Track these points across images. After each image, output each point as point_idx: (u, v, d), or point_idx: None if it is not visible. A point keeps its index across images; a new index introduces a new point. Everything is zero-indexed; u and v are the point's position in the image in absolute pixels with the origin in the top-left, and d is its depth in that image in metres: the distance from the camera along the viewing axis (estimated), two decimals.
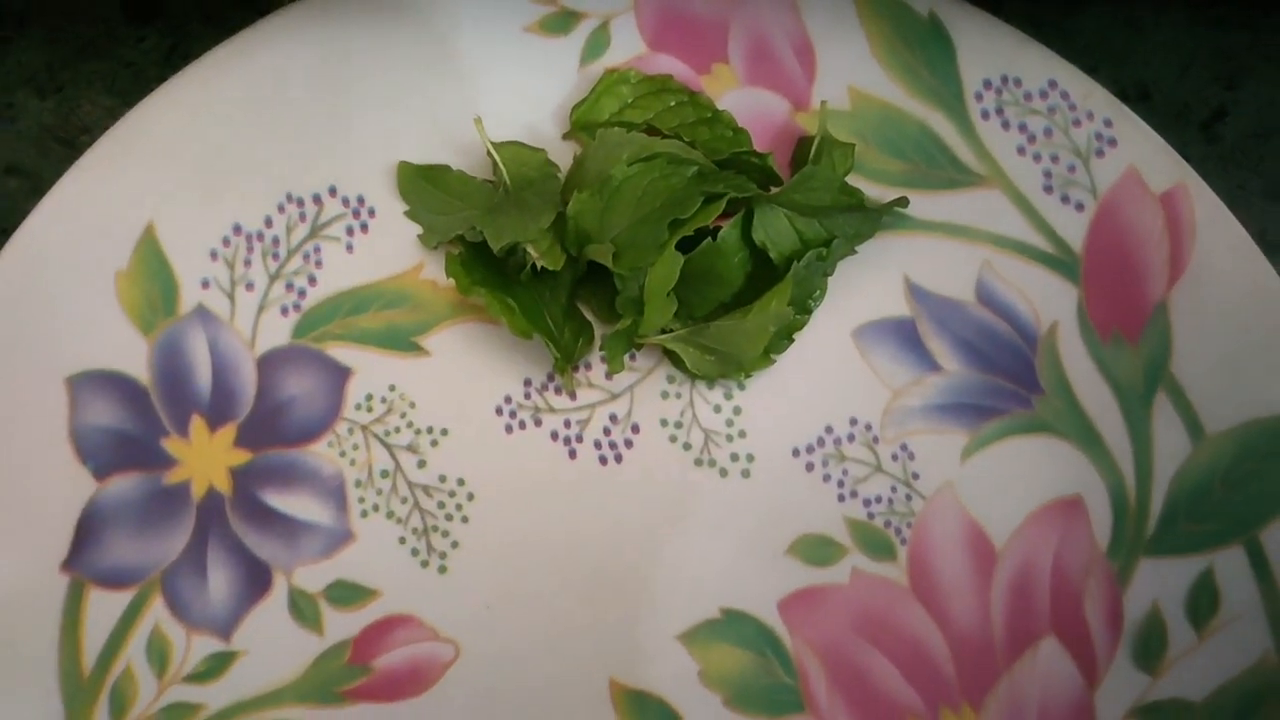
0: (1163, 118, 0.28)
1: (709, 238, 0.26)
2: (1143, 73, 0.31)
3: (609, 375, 0.28)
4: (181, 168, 0.27)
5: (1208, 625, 0.26)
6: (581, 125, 0.28)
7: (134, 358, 0.27)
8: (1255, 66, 0.31)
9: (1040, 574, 0.27)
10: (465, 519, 0.27)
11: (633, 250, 0.25)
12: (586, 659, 0.26)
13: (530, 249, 0.25)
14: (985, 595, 0.27)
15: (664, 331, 0.27)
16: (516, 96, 0.29)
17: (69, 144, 0.30)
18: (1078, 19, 0.31)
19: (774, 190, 0.27)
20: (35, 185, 0.30)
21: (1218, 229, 0.27)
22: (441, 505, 0.27)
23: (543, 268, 0.26)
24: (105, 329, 0.27)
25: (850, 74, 0.29)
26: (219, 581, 0.26)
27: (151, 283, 0.27)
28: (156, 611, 0.26)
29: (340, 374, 0.27)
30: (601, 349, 0.27)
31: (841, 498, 0.27)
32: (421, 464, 0.27)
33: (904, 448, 0.27)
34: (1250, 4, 0.31)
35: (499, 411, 0.27)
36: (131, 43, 0.31)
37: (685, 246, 0.26)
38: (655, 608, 0.26)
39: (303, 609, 0.26)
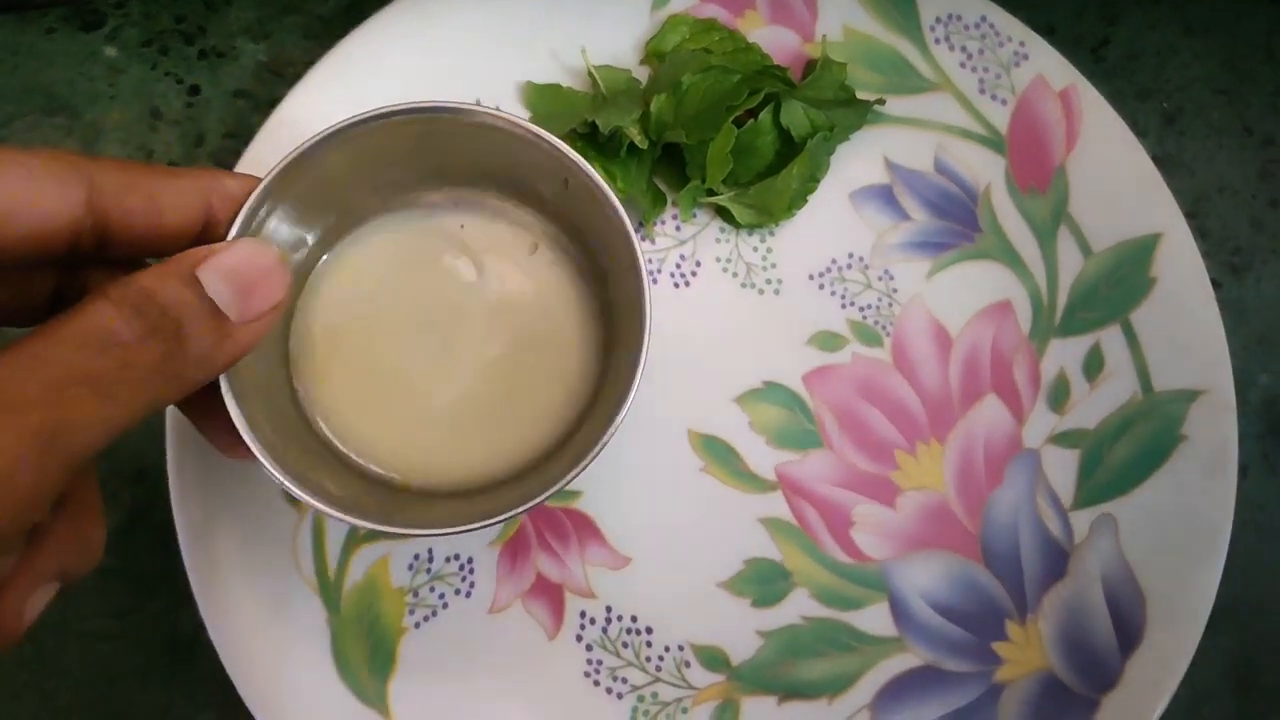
0: (1062, 46, 0.39)
1: (751, 120, 0.37)
2: (1049, 15, 0.42)
3: (679, 226, 0.39)
4: (373, 87, 0.38)
5: (1096, 379, 0.37)
6: (653, 53, 0.40)
7: None
8: (1129, 9, 0.43)
9: (983, 353, 0.38)
10: None
11: (699, 129, 0.37)
12: (674, 416, 0.37)
13: (629, 130, 0.37)
14: (945, 368, 0.38)
15: (717, 193, 0.38)
16: (607, 34, 0.40)
17: (279, 75, 0.41)
18: None
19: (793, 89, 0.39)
20: (255, 104, 0.41)
21: (1099, 114, 0.38)
22: None
23: (633, 147, 0.37)
24: None
25: (843, 16, 0.40)
26: None
27: None
28: None
29: None
30: (674, 205, 0.39)
31: (843, 306, 0.38)
32: None
33: (886, 272, 0.39)
34: None
35: None
36: (320, 0, 0.42)
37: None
38: (717, 382, 0.37)
39: None
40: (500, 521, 0.28)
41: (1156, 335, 0.37)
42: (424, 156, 0.31)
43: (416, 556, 0.35)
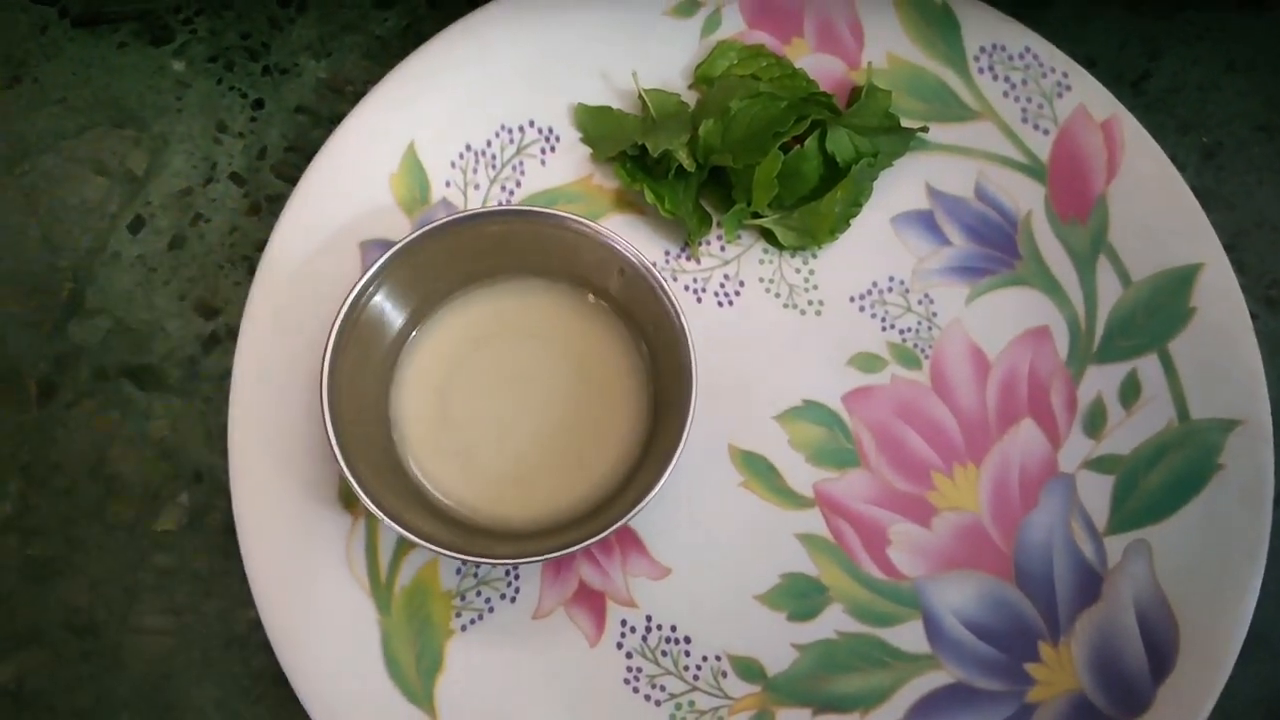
0: (1104, 78, 0.40)
1: (797, 146, 0.38)
2: (1090, 48, 0.43)
3: (724, 247, 0.40)
4: (432, 106, 0.39)
5: (1133, 406, 0.38)
6: (702, 79, 0.41)
7: (400, 230, 0.39)
8: (1171, 45, 0.44)
9: (1020, 378, 0.39)
10: None
11: (746, 154, 0.38)
12: (715, 431, 0.38)
13: (678, 153, 0.38)
14: (982, 391, 0.39)
15: (763, 216, 0.39)
16: (658, 58, 0.41)
17: (338, 92, 0.43)
18: (1046, 10, 0.44)
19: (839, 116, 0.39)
20: (315, 119, 0.42)
21: (1140, 145, 0.39)
22: None
23: (679, 170, 0.38)
24: (382, 211, 0.39)
25: (888, 44, 0.41)
26: None
27: (413, 181, 0.39)
28: None
29: None
30: (719, 227, 0.40)
31: (884, 328, 0.39)
32: None
33: (926, 295, 0.39)
34: (1168, 1, 0.44)
35: None
36: (379, 21, 0.43)
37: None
38: (758, 399, 0.38)
39: None
40: (558, 556, 0.33)
41: (1194, 364, 0.37)
42: (503, 250, 0.36)
43: (465, 563, 0.37)
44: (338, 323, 0.33)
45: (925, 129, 0.39)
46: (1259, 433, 0.36)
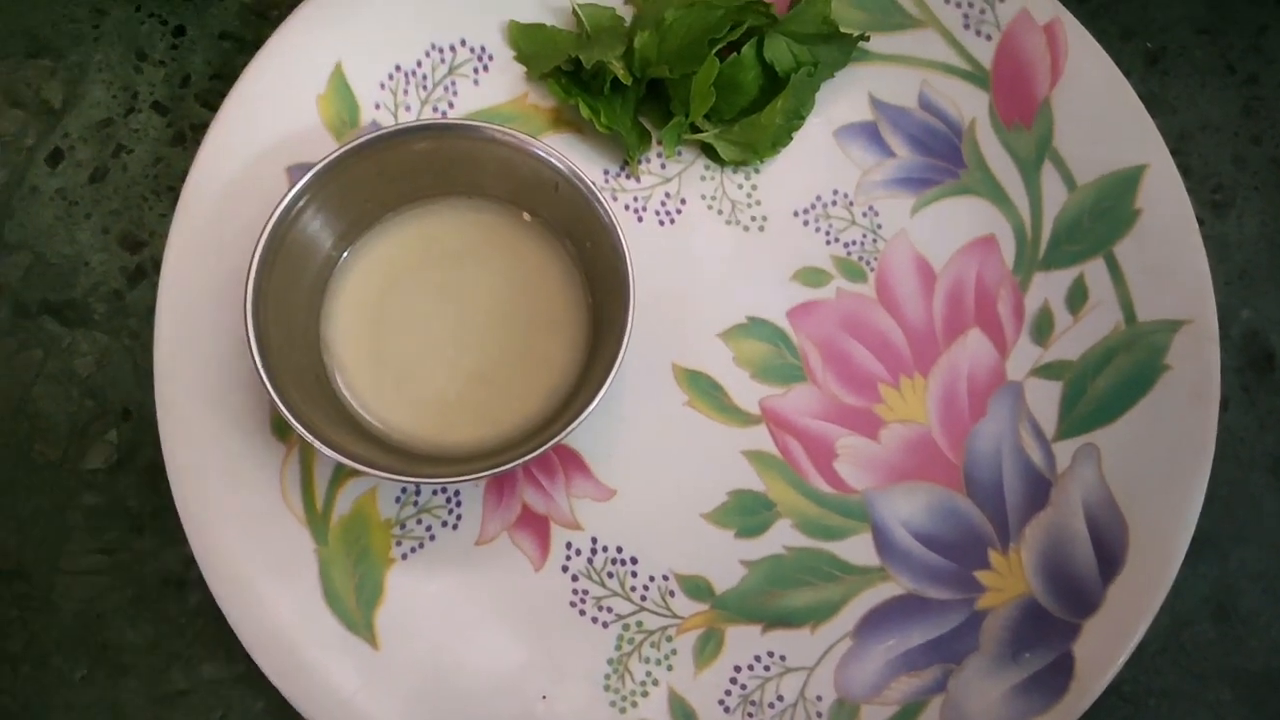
0: None
1: (734, 54, 0.37)
2: None
3: (664, 164, 0.39)
4: (360, 26, 0.38)
5: (1080, 311, 0.37)
6: None
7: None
8: None
9: (967, 287, 0.38)
10: None
11: (682, 63, 0.37)
12: (658, 351, 0.37)
13: (613, 64, 0.37)
14: (929, 303, 0.38)
15: (702, 130, 0.38)
16: None
17: (263, 16, 0.41)
18: None
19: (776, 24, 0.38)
20: (241, 45, 0.41)
21: (1082, 47, 0.38)
22: None
23: (616, 84, 0.37)
24: (309, 134, 0.38)
25: None
26: None
27: (341, 103, 0.38)
28: None
29: None
30: (659, 143, 0.39)
31: (828, 242, 0.38)
32: None
33: (871, 208, 0.39)
34: None
35: None
36: None
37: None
38: (701, 318, 0.38)
39: None
40: (491, 475, 0.32)
41: (1140, 267, 0.37)
42: (433, 169, 0.35)
43: (404, 490, 0.36)
44: (261, 242, 0.32)
45: (866, 37, 0.39)
46: (1205, 331, 0.35)
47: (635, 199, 0.39)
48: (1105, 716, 0.36)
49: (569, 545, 0.35)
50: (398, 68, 0.38)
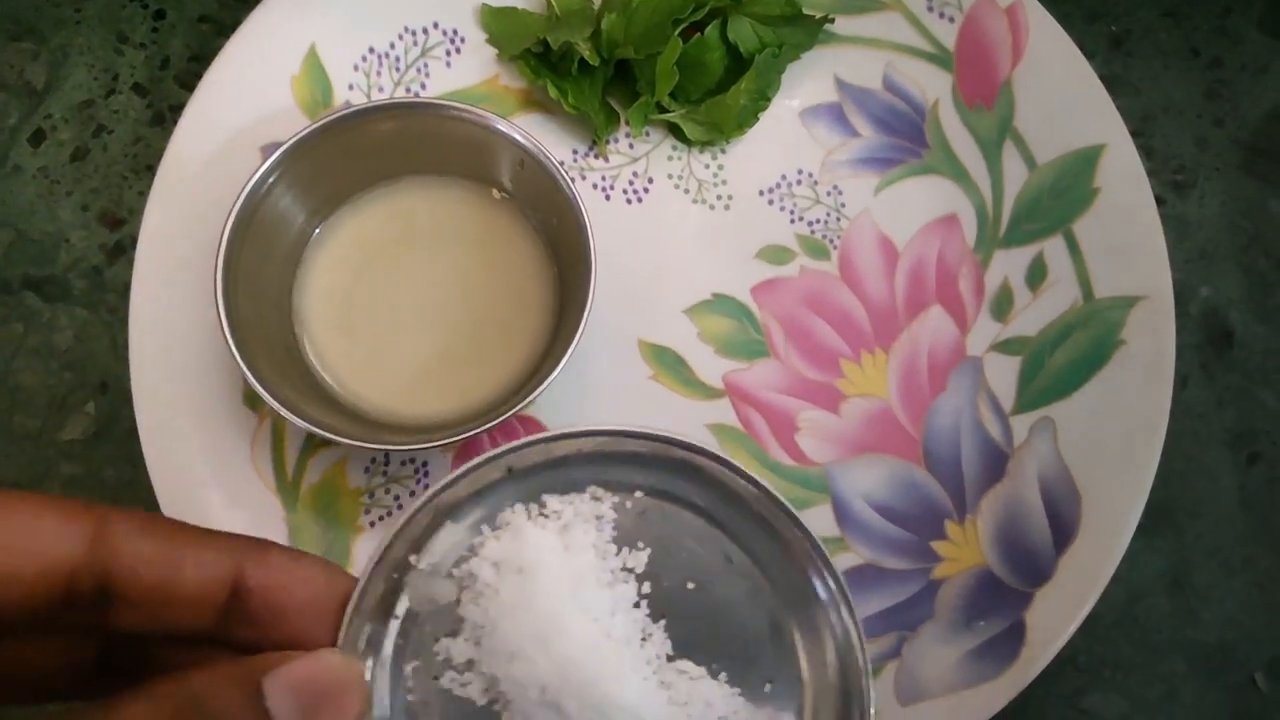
0: None
1: (698, 34, 0.38)
2: None
3: (632, 144, 0.40)
4: (334, 8, 0.39)
5: (1039, 288, 0.38)
6: None
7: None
8: None
9: (929, 265, 0.39)
10: None
11: (647, 44, 0.37)
12: (625, 326, 0.38)
13: (579, 45, 0.37)
14: (891, 280, 0.39)
15: (669, 110, 0.39)
16: None
17: (242, 0, 0.42)
18: None
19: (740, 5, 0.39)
20: (219, 28, 0.42)
21: (1044, 29, 0.39)
22: None
23: (584, 65, 0.38)
24: (283, 114, 0.39)
25: None
26: None
27: (314, 84, 0.39)
28: None
29: None
30: (626, 124, 0.39)
31: (792, 220, 0.39)
32: None
33: (835, 187, 0.39)
34: None
35: None
36: None
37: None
38: (667, 294, 0.38)
39: None
40: (454, 442, 0.33)
41: (1098, 244, 0.37)
42: (402, 147, 0.36)
43: (373, 460, 0.36)
44: (232, 218, 0.33)
45: (831, 19, 0.39)
46: (1161, 306, 0.36)
47: (603, 178, 0.39)
48: (1061, 687, 0.37)
49: None
50: (371, 50, 0.39)
